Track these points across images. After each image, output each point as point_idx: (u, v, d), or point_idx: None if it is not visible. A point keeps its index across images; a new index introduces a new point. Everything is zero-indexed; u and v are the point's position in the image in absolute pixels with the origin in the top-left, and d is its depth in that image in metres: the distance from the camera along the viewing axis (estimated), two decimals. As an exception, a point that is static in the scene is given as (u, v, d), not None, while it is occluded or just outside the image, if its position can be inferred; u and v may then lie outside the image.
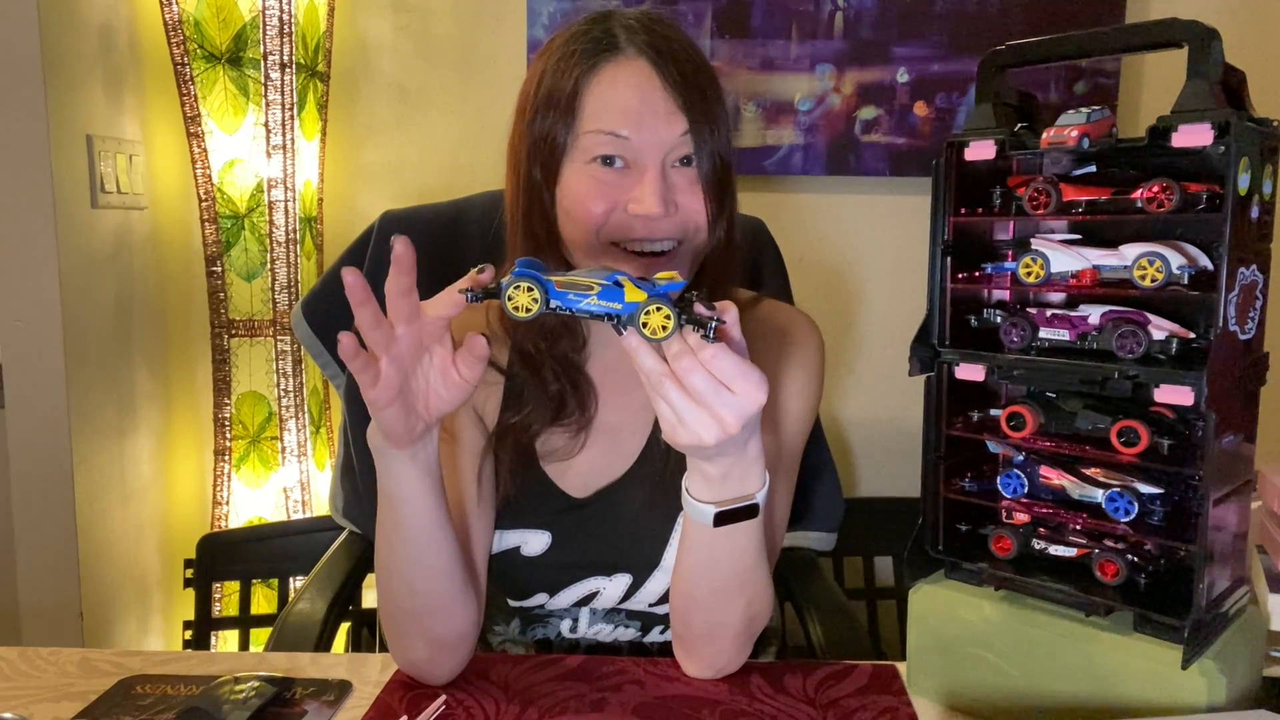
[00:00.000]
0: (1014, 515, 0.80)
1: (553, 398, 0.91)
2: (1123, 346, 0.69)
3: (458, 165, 1.93)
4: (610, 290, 0.65)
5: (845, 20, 1.82)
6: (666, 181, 0.83)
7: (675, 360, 0.65)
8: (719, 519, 0.73)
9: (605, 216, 0.84)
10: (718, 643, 0.83)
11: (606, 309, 0.65)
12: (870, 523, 1.67)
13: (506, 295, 0.65)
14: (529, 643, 0.98)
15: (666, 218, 0.83)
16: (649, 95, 0.82)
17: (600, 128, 0.83)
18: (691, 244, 0.86)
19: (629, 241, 0.84)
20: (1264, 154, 0.67)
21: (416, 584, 0.79)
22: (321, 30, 1.84)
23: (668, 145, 0.83)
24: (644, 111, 0.82)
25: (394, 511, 0.77)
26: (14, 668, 0.86)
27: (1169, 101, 0.67)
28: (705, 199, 0.84)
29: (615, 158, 0.83)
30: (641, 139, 0.82)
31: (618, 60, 0.84)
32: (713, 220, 0.85)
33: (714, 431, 0.66)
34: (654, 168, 0.82)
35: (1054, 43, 0.74)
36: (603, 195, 0.83)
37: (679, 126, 0.82)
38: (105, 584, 1.72)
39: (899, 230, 1.90)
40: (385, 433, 0.72)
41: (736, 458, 0.71)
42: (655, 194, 0.82)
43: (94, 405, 1.68)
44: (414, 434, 0.72)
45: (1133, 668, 0.69)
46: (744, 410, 0.66)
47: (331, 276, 1.25)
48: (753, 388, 0.65)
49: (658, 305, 0.64)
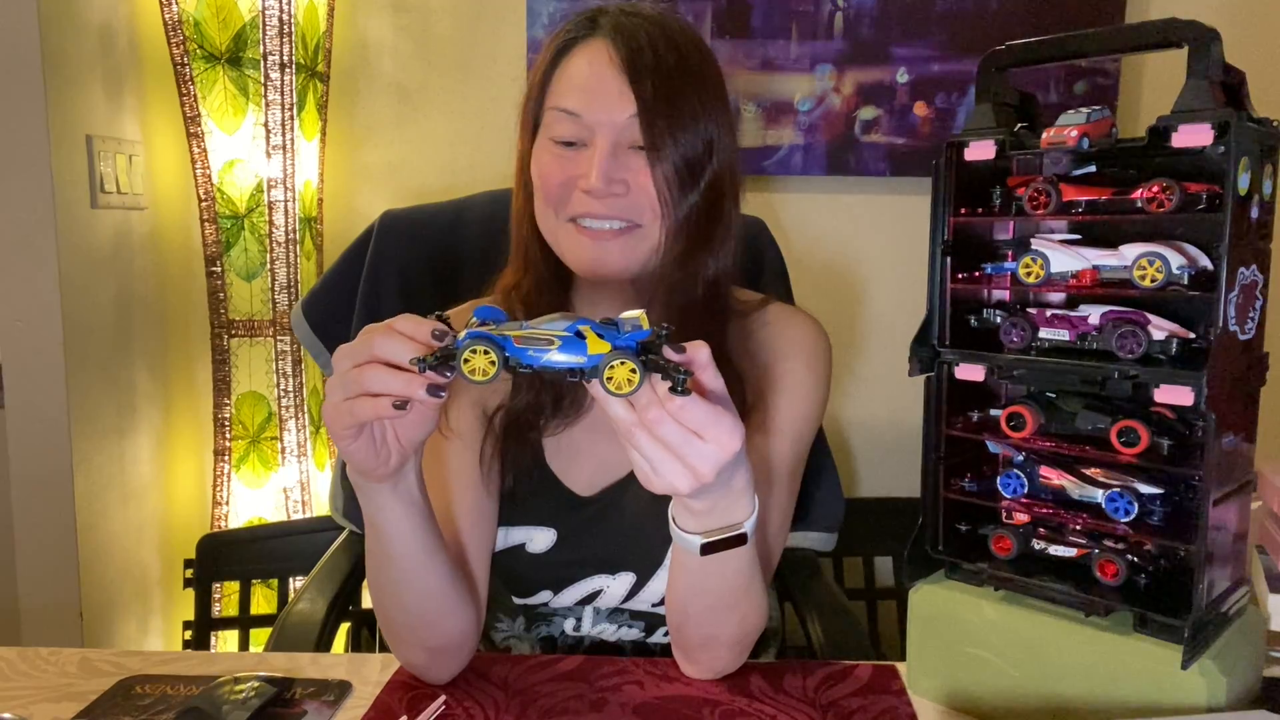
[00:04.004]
0: (1014, 515, 0.80)
1: (555, 385, 0.90)
2: (1123, 346, 0.68)
3: (458, 165, 1.93)
4: (572, 343, 0.61)
5: (845, 20, 1.82)
6: (617, 160, 0.83)
7: (644, 411, 0.62)
8: (706, 549, 0.71)
9: (561, 192, 0.85)
10: (713, 650, 0.83)
11: (569, 363, 0.61)
12: (870, 523, 1.67)
13: (462, 359, 0.60)
14: (533, 640, 0.98)
15: (613, 196, 0.83)
16: (603, 74, 0.83)
17: (557, 105, 0.85)
18: (648, 228, 0.85)
19: (580, 218, 0.85)
20: (1264, 154, 0.67)
21: (409, 603, 0.79)
22: (321, 30, 1.84)
23: (619, 125, 0.83)
24: (597, 90, 0.83)
25: (380, 541, 0.76)
26: (14, 668, 0.86)
27: (1169, 101, 0.67)
28: (657, 184, 0.83)
29: (570, 135, 0.84)
30: (593, 117, 0.83)
31: (585, 42, 0.85)
32: (669, 205, 0.83)
33: (687, 480, 0.64)
34: (603, 145, 0.83)
35: (1054, 43, 0.74)
36: (559, 170, 0.84)
37: (629, 108, 0.82)
38: (105, 584, 1.72)
39: (899, 230, 1.90)
40: (357, 469, 0.69)
41: (720, 494, 0.69)
42: (597, 169, 0.82)
43: (94, 405, 1.68)
44: (389, 467, 0.69)
45: (1133, 668, 0.69)
46: (717, 459, 0.63)
47: (331, 276, 1.25)
48: (725, 435, 0.63)
49: (621, 360, 0.60)
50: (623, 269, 0.86)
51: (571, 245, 0.87)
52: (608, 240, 0.85)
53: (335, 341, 1.22)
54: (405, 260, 1.20)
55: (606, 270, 0.86)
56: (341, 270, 1.23)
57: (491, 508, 0.91)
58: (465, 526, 0.88)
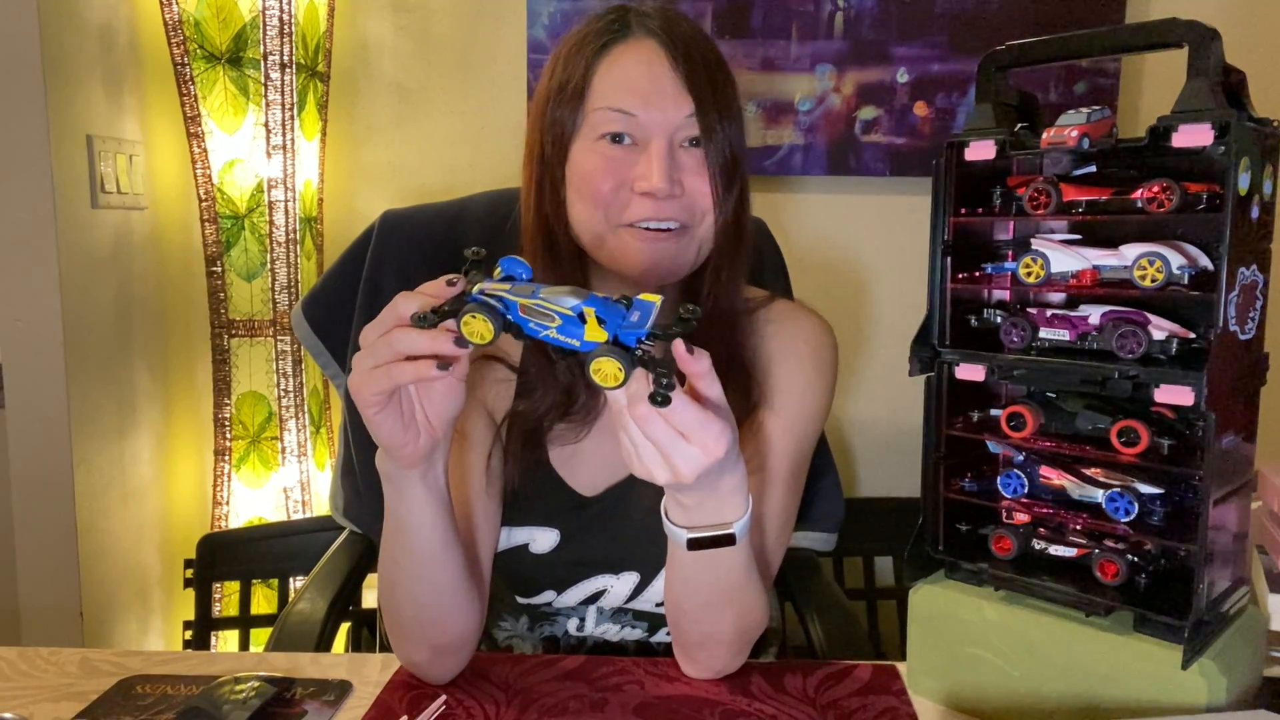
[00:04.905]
0: (1014, 515, 0.80)
1: (564, 389, 0.91)
2: (1123, 346, 0.68)
3: (458, 165, 1.93)
4: (572, 324, 0.62)
5: (845, 20, 1.82)
6: (674, 160, 0.83)
7: (633, 405, 0.63)
8: (692, 544, 0.72)
9: (612, 194, 0.83)
10: (711, 649, 0.83)
11: (564, 344, 0.62)
12: (870, 523, 1.67)
13: (462, 321, 0.63)
14: (536, 640, 0.99)
15: (672, 198, 0.83)
16: (657, 74, 0.83)
17: (609, 104, 0.83)
18: (696, 229, 0.85)
19: (640, 222, 0.84)
20: (1264, 154, 0.67)
21: (420, 597, 0.79)
22: (321, 30, 1.84)
23: (675, 124, 0.83)
24: (652, 90, 0.82)
25: (401, 534, 0.76)
26: (14, 668, 0.86)
27: (1169, 101, 0.67)
28: (712, 182, 0.83)
29: (623, 134, 0.83)
30: (649, 116, 0.82)
31: (628, 41, 0.84)
32: (719, 204, 0.84)
33: (666, 475, 0.65)
34: (660, 144, 0.82)
35: (1054, 43, 0.74)
36: (610, 172, 0.83)
37: (686, 107, 0.82)
38: (105, 584, 1.72)
39: (899, 230, 1.90)
40: (386, 446, 0.70)
41: (707, 493, 0.70)
42: (661, 170, 0.81)
43: (94, 405, 1.68)
44: (418, 446, 0.70)
45: (1133, 668, 0.69)
46: (699, 463, 0.64)
47: (331, 277, 1.25)
48: (711, 440, 0.63)
49: (610, 356, 0.61)
50: (674, 271, 0.86)
51: (623, 250, 0.85)
52: (663, 242, 0.84)
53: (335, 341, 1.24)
54: (405, 260, 1.20)
55: (659, 273, 0.86)
56: (341, 270, 1.23)
57: (495, 508, 0.91)
58: (470, 526, 0.88)
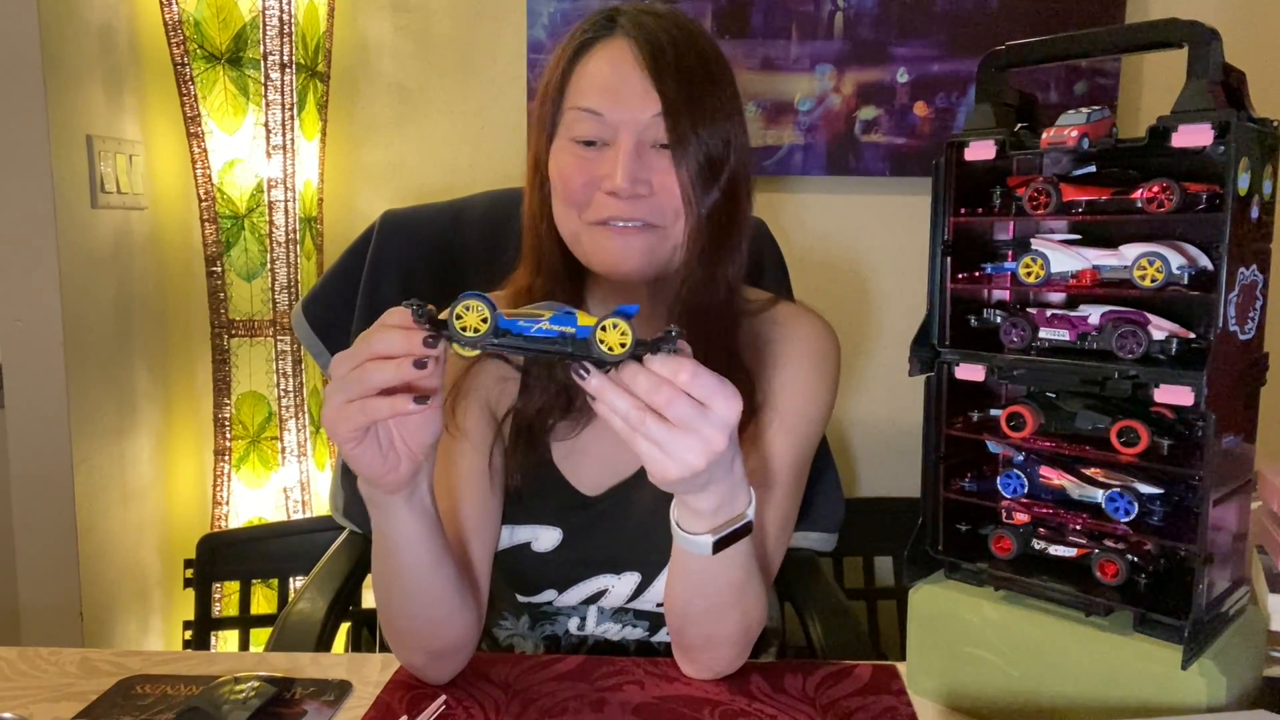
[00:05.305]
0: (1014, 515, 0.80)
1: (563, 386, 0.90)
2: (1123, 346, 0.68)
3: (458, 165, 1.93)
4: (563, 316, 0.62)
5: (845, 20, 1.82)
6: (641, 160, 0.83)
7: (653, 394, 0.62)
8: (718, 545, 0.72)
9: (583, 192, 0.84)
10: (714, 650, 0.83)
11: (558, 332, 0.62)
12: (870, 523, 1.67)
13: (455, 314, 0.62)
14: (537, 639, 0.99)
15: (638, 197, 0.83)
16: (625, 73, 0.83)
17: (578, 105, 0.84)
18: (669, 229, 0.85)
19: (607, 219, 0.84)
20: (1264, 154, 0.67)
21: (414, 610, 0.79)
22: (321, 30, 1.84)
23: (642, 123, 0.82)
24: (620, 89, 0.82)
25: (390, 554, 0.75)
26: (14, 668, 0.86)
27: (1169, 101, 0.67)
28: (681, 183, 0.83)
29: (593, 138, 0.84)
30: (616, 115, 0.83)
31: (604, 41, 0.85)
32: (691, 204, 0.83)
33: (703, 454, 0.63)
34: (626, 144, 0.82)
35: (1054, 43, 0.74)
36: (580, 170, 0.84)
37: (653, 106, 0.82)
38: (105, 584, 1.72)
39: (899, 230, 1.90)
40: (367, 478, 0.68)
41: (726, 482, 0.69)
42: (625, 170, 0.81)
43: (94, 405, 1.68)
44: (399, 474, 0.68)
45: (1133, 668, 0.69)
46: (726, 421, 0.63)
47: (331, 277, 1.25)
48: (730, 398, 0.63)
49: (614, 321, 0.61)
50: (643, 268, 0.86)
51: (594, 246, 0.86)
52: (631, 236, 0.84)
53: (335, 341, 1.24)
54: (405, 260, 1.20)
55: (628, 268, 0.86)
56: (342, 270, 1.23)
57: (497, 508, 0.91)
58: (470, 526, 0.88)
